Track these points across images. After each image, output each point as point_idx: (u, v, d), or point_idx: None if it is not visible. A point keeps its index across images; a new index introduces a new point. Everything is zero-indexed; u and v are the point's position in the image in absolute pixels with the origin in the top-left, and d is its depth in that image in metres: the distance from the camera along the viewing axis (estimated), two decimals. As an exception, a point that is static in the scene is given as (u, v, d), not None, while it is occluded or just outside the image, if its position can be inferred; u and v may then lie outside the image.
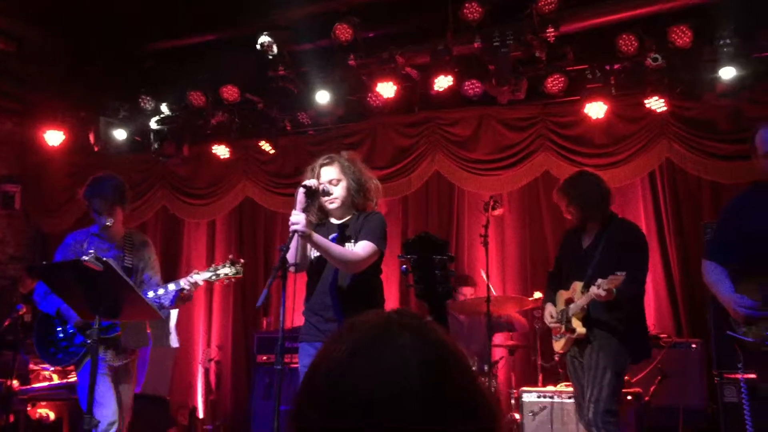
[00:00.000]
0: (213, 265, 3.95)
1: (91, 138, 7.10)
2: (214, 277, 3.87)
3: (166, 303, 3.87)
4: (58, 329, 4.07)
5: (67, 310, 3.88)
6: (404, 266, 1.94)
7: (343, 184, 3.52)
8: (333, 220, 3.63)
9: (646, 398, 5.18)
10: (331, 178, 3.51)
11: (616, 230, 4.09)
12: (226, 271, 3.87)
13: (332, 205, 3.52)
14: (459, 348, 1.03)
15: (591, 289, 3.86)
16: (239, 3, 6.28)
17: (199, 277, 3.90)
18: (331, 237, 3.48)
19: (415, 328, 1.01)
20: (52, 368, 5.80)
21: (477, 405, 0.98)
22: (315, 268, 3.53)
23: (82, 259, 3.21)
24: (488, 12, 5.66)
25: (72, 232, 4.38)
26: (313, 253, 3.48)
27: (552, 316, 4.21)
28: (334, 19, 6.02)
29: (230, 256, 4.00)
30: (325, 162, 3.57)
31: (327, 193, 3.48)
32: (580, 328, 4.02)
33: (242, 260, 3.96)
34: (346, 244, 3.47)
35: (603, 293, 3.78)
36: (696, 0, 5.52)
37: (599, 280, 3.81)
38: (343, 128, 6.91)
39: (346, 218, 3.59)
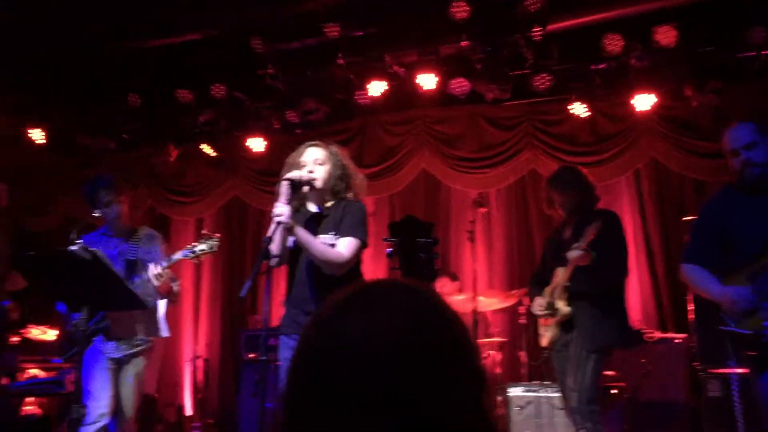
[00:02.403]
0: (189, 244, 3.93)
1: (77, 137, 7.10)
2: (191, 255, 3.85)
3: (150, 291, 3.86)
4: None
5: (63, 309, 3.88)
6: (389, 249, 1.97)
7: (326, 167, 3.44)
8: (311, 207, 3.54)
9: (631, 393, 5.23)
10: (315, 158, 3.44)
11: (592, 217, 4.14)
12: (202, 247, 3.85)
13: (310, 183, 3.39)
14: (453, 309, 1.05)
15: (569, 254, 3.93)
16: (228, 1, 6.30)
17: (175, 256, 3.89)
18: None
19: (407, 287, 1.03)
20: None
21: (468, 363, 0.99)
22: (293, 258, 3.44)
23: (69, 249, 3.21)
24: (476, 11, 5.71)
25: (84, 235, 4.37)
26: (290, 242, 3.38)
27: (541, 306, 4.24)
28: (322, 17, 6.05)
29: (203, 231, 3.98)
30: (312, 143, 3.53)
31: (311, 185, 3.39)
32: (564, 308, 4.07)
33: (217, 234, 3.91)
34: (324, 235, 3.38)
35: (580, 252, 3.86)
36: (680, 1, 5.59)
37: (575, 245, 3.91)
38: (331, 127, 6.94)
39: (326, 205, 3.50)
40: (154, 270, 3.83)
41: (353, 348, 0.94)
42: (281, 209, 3.18)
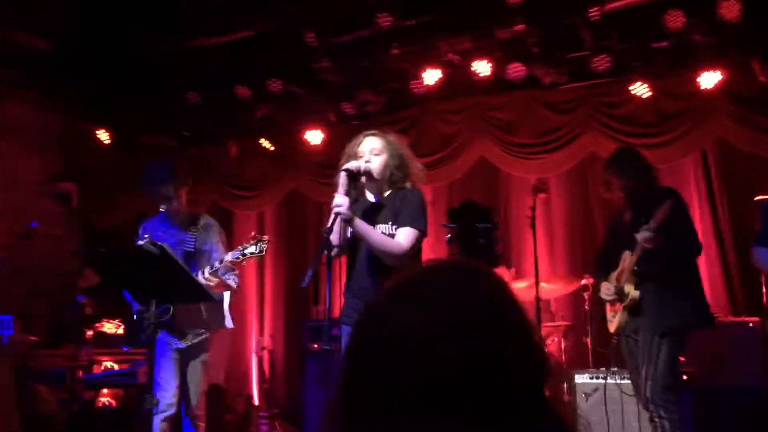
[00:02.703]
0: (240, 246, 3.98)
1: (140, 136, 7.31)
2: (240, 257, 3.90)
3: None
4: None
5: (130, 296, 4.01)
6: (448, 235, 1.96)
7: (383, 157, 3.43)
8: (369, 196, 3.54)
9: (703, 379, 5.09)
10: (372, 147, 3.44)
11: (653, 196, 4.02)
12: (251, 249, 3.88)
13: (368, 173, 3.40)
14: (511, 294, 1.02)
15: (637, 236, 3.82)
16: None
17: (227, 257, 3.95)
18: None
19: (462, 271, 1.01)
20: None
21: (527, 349, 0.97)
22: (352, 249, 3.45)
23: (137, 244, 3.32)
24: (529, -7, 5.62)
25: (146, 220, 4.51)
26: (350, 232, 3.38)
27: (608, 290, 4.15)
28: (374, 8, 6.05)
29: (253, 233, 4.01)
30: (370, 133, 3.53)
31: (369, 175, 3.40)
32: (633, 292, 3.97)
33: (266, 237, 3.95)
34: (383, 225, 3.37)
35: (649, 234, 3.76)
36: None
37: (644, 226, 3.79)
38: (388, 117, 6.93)
39: (384, 195, 3.49)
40: (201, 279, 3.91)
41: (406, 336, 0.92)
42: (339, 200, 3.20)
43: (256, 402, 7.49)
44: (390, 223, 3.38)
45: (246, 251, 3.91)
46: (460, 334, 0.91)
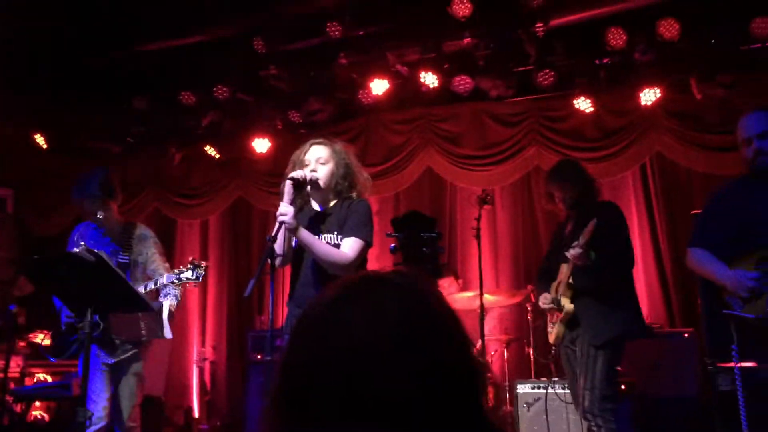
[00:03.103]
0: (177, 269, 3.90)
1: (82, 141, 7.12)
2: (177, 281, 3.84)
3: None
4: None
5: (59, 304, 3.88)
6: (392, 245, 1.95)
7: (330, 166, 3.40)
8: (314, 206, 3.50)
9: (641, 389, 5.20)
10: (318, 156, 3.41)
11: (592, 210, 4.08)
12: (187, 275, 3.81)
13: (314, 182, 3.36)
14: (449, 306, 1.02)
15: (568, 253, 3.87)
16: (230, 3, 6.29)
17: (162, 280, 3.88)
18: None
19: (401, 284, 1.01)
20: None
21: (458, 362, 0.97)
22: (296, 258, 3.40)
23: (73, 252, 3.21)
24: (477, 7, 5.69)
25: (77, 225, 4.37)
26: (294, 242, 3.35)
27: (546, 299, 4.21)
28: (324, 17, 6.04)
29: (191, 258, 3.93)
30: (316, 141, 3.49)
31: (314, 184, 3.35)
32: (567, 305, 4.02)
33: (204, 263, 3.88)
34: (328, 234, 3.34)
35: (579, 250, 3.79)
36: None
37: (574, 243, 3.84)
38: (335, 126, 6.92)
39: (329, 205, 3.45)
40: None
41: (340, 346, 0.92)
42: (284, 209, 3.16)
43: (197, 414, 7.33)
44: (335, 233, 3.35)
45: (182, 276, 3.83)
46: (401, 347, 0.92)
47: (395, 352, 0.92)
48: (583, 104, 6.01)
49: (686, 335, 5.50)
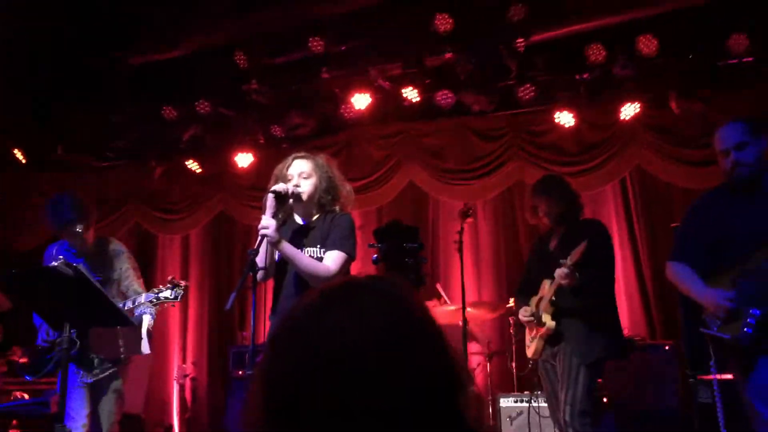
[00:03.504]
0: (155, 288, 3.89)
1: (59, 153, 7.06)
2: (155, 300, 3.82)
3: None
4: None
5: (39, 322, 3.83)
6: (375, 256, 1.95)
7: (312, 180, 3.40)
8: (297, 219, 3.50)
9: (623, 401, 5.21)
10: (301, 171, 3.41)
11: (579, 228, 4.13)
12: (166, 294, 3.80)
13: (296, 195, 3.36)
14: (428, 312, 1.02)
15: (555, 272, 3.88)
16: (211, 17, 6.30)
17: (141, 299, 3.85)
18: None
19: (382, 290, 1.01)
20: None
21: (441, 369, 0.97)
22: (279, 271, 3.40)
23: (51, 266, 3.17)
24: (459, 23, 5.74)
25: (50, 244, 4.34)
26: (277, 255, 3.34)
27: (526, 312, 4.21)
28: (306, 32, 6.06)
29: (170, 278, 3.91)
30: (299, 155, 3.49)
31: (297, 198, 3.36)
32: (549, 322, 4.02)
33: (184, 282, 3.87)
34: (311, 248, 3.34)
35: (566, 270, 3.80)
36: (660, 9, 5.64)
37: (562, 261, 3.85)
38: (318, 140, 6.91)
39: (312, 218, 3.45)
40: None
41: (327, 353, 0.92)
42: (266, 222, 3.16)
43: (177, 431, 7.23)
44: (318, 246, 3.35)
45: (161, 295, 3.81)
46: (386, 352, 0.92)
47: (381, 357, 0.92)
48: (564, 118, 6.07)
49: (667, 347, 5.53)
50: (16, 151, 7.22)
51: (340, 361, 0.92)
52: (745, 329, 3.04)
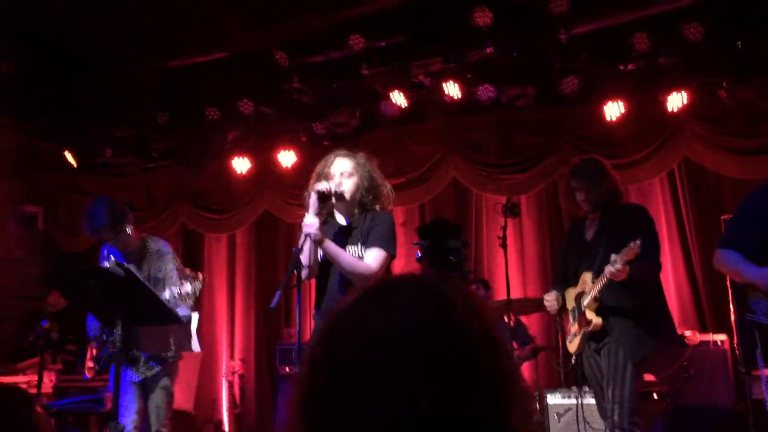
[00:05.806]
0: (175, 285, 3.93)
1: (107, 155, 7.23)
2: (177, 296, 3.85)
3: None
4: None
5: (91, 321, 3.93)
6: (418, 253, 1.94)
7: (354, 179, 3.41)
8: (338, 218, 3.52)
9: (674, 398, 5.11)
10: (343, 170, 3.42)
11: (618, 213, 3.95)
12: (186, 289, 3.84)
13: (339, 194, 3.38)
14: (476, 308, 0.99)
15: (605, 269, 3.67)
16: (251, 18, 6.36)
17: (165, 295, 3.86)
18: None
19: (422, 286, 1.00)
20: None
21: (486, 368, 0.95)
22: (323, 270, 3.41)
23: (103, 266, 3.25)
24: (499, 16, 5.69)
25: (103, 244, 4.43)
26: (321, 254, 3.36)
27: (550, 298, 4.08)
28: (346, 29, 6.08)
29: (188, 271, 3.95)
30: (340, 153, 3.50)
31: (340, 197, 3.37)
32: (595, 319, 3.82)
33: (202, 274, 3.90)
34: (352, 246, 3.36)
35: (619, 267, 3.57)
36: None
37: (613, 256, 3.61)
38: (358, 138, 6.93)
39: (353, 217, 3.46)
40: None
41: (366, 344, 0.92)
42: (310, 220, 3.19)
43: (227, 428, 7.35)
44: (360, 244, 3.37)
45: (182, 291, 3.85)
46: (416, 346, 0.91)
47: (420, 353, 0.91)
48: (609, 110, 5.96)
49: (719, 342, 5.41)
50: (66, 153, 7.41)
51: (379, 360, 0.91)
52: None
